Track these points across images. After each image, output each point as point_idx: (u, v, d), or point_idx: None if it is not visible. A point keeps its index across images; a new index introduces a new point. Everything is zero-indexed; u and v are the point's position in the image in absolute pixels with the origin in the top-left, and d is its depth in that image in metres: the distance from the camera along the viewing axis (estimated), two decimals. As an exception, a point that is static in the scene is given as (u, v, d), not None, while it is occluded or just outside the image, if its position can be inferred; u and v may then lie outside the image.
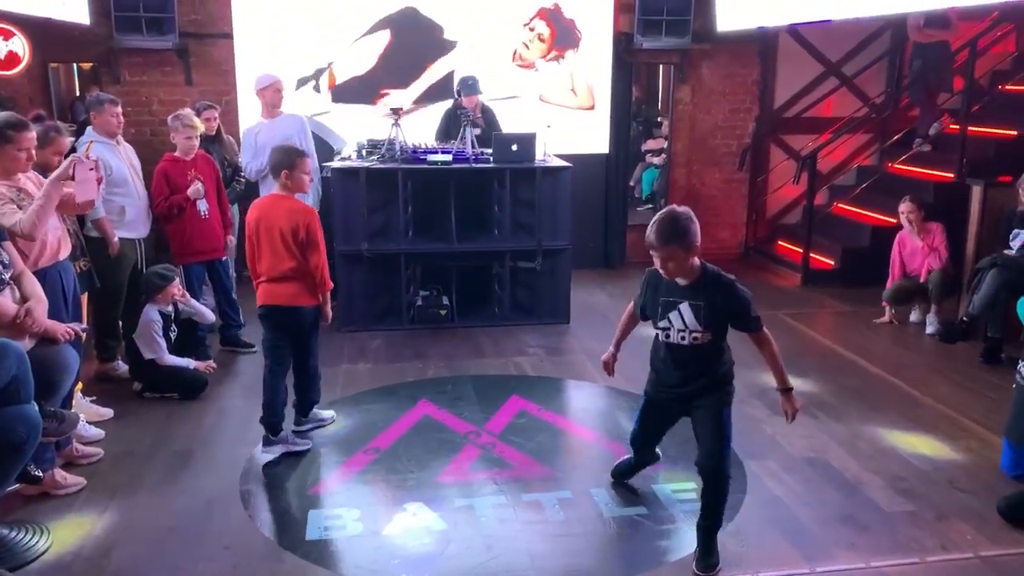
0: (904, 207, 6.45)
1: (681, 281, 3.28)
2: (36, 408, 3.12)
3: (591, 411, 5.03)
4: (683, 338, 3.30)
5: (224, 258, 5.85)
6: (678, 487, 3.97)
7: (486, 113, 7.13)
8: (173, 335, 5.17)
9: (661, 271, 3.26)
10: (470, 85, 6.91)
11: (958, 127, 7.46)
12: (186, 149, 5.54)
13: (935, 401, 5.05)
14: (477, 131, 6.60)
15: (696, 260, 3.25)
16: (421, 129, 7.08)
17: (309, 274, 4.23)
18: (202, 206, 5.56)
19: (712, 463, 3.29)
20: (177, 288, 5.14)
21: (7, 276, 3.35)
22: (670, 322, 3.30)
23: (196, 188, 5.48)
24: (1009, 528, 3.61)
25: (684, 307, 3.26)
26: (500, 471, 4.16)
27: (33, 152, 3.81)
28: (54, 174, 3.79)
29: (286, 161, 4.22)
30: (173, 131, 5.54)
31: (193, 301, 5.35)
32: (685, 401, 3.44)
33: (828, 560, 3.39)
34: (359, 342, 6.13)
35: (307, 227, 4.17)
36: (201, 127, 5.73)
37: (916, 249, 6.47)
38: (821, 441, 4.50)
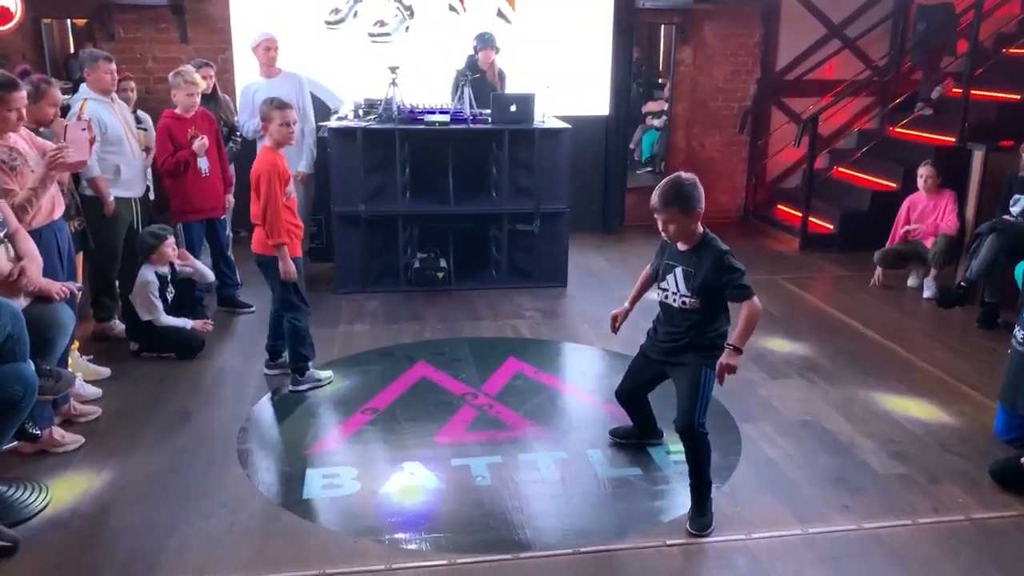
0: (924, 170, 6.43)
1: (681, 246, 3.39)
2: (32, 366, 3.13)
3: (588, 374, 5.05)
4: (674, 301, 3.43)
5: (223, 217, 5.82)
6: (673, 448, 3.98)
7: (501, 77, 7.02)
8: (170, 296, 5.15)
9: (663, 234, 3.39)
10: (486, 39, 6.81)
11: (961, 91, 7.40)
12: (187, 106, 5.49)
13: (930, 365, 5.07)
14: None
15: (699, 227, 3.36)
16: (421, 87, 6.96)
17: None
18: (203, 164, 5.52)
19: (683, 420, 3.36)
20: (172, 248, 5.11)
21: (1, 234, 3.33)
22: (668, 284, 3.44)
23: (201, 143, 5.45)
24: (1000, 491, 3.65)
25: (678, 271, 3.39)
26: (496, 432, 4.18)
27: (23, 111, 3.76)
28: (42, 165, 3.72)
29: (263, 115, 4.47)
30: (175, 88, 5.49)
31: (194, 260, 5.34)
32: (667, 356, 3.51)
33: (821, 521, 3.42)
34: (356, 303, 6.12)
35: (257, 176, 4.41)
36: (203, 84, 5.68)
37: (926, 212, 6.45)
38: (815, 404, 4.52)
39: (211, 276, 5.50)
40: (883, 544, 3.29)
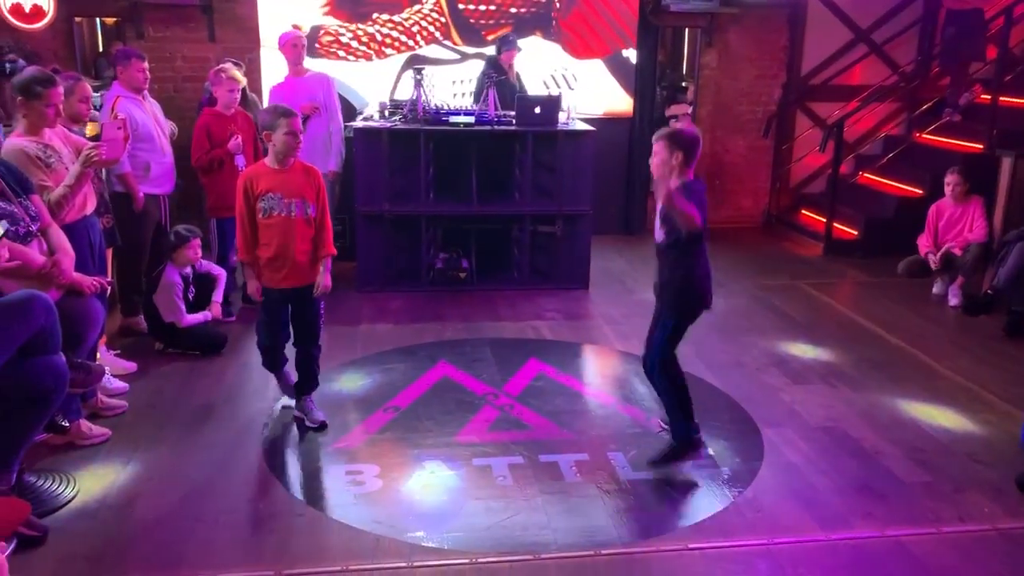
0: (951, 178, 6.37)
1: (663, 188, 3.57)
2: (63, 359, 3.17)
3: (609, 376, 5.04)
4: (657, 236, 3.73)
5: None
6: (695, 452, 3.99)
7: (519, 78, 7.04)
8: (191, 295, 5.19)
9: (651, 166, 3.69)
10: (510, 41, 6.83)
11: (989, 97, 7.32)
12: (228, 103, 5.54)
13: (955, 373, 5.03)
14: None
15: (683, 175, 3.55)
16: (447, 88, 7.01)
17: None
18: (240, 161, 5.57)
19: (645, 361, 3.88)
20: (195, 249, 5.15)
21: (35, 228, 3.38)
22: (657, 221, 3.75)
23: (237, 142, 5.49)
24: (1027, 501, 3.61)
25: (660, 207, 3.67)
26: (518, 432, 4.19)
27: (61, 108, 3.83)
28: (76, 163, 3.79)
29: (267, 124, 3.97)
30: (216, 84, 5.54)
31: (210, 265, 5.39)
32: (657, 297, 3.83)
33: (844, 528, 3.40)
34: (379, 302, 6.16)
35: None
36: (243, 80, 5.71)
37: (953, 220, 6.39)
38: (839, 410, 4.50)
39: (223, 275, 5.50)
40: (907, 552, 3.26)
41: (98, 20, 8.42)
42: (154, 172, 5.23)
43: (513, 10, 7.64)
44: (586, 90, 7.84)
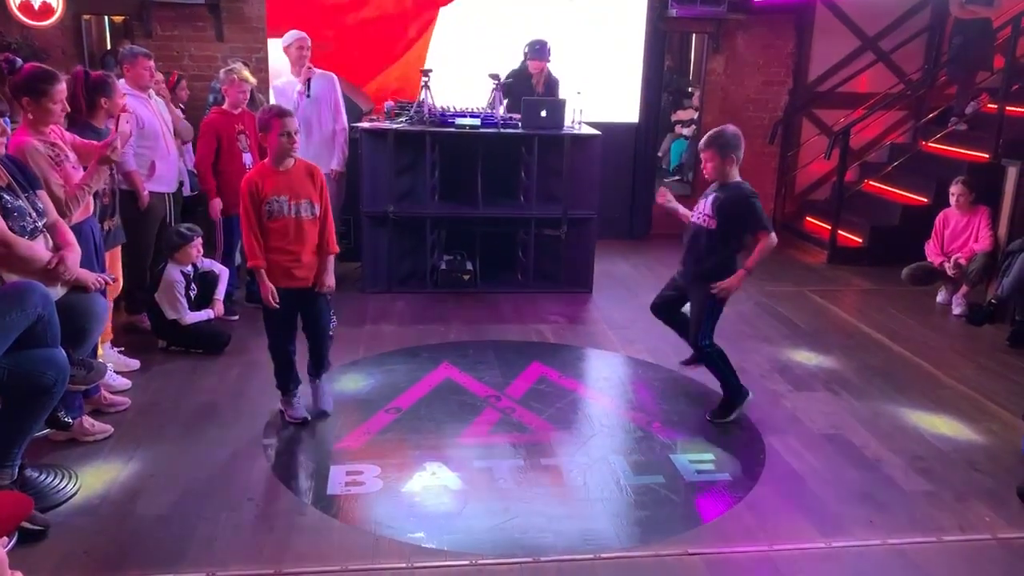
0: (955, 188, 6.36)
1: (717, 183, 4.26)
2: (64, 352, 3.17)
3: (611, 380, 5.04)
4: (702, 221, 4.23)
5: None
6: (696, 457, 3.99)
7: (550, 85, 6.90)
8: (193, 293, 5.21)
9: (704, 171, 4.31)
10: (537, 50, 6.77)
11: (996, 106, 7.32)
12: (236, 103, 5.55)
13: (958, 382, 5.02)
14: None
15: (734, 173, 4.20)
16: (454, 92, 7.00)
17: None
18: (247, 159, 5.57)
19: (691, 339, 4.38)
20: (196, 249, 5.16)
21: (41, 224, 3.39)
22: (700, 205, 4.29)
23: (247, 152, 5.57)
24: (1028, 511, 3.60)
25: (710, 196, 4.23)
26: (519, 435, 4.19)
27: (65, 103, 3.82)
28: (93, 159, 3.81)
29: (261, 123, 3.96)
30: (226, 84, 5.55)
31: (211, 263, 5.39)
32: (690, 280, 4.34)
33: (844, 536, 3.40)
34: (383, 303, 6.17)
35: None
36: (253, 80, 5.72)
37: (959, 229, 6.38)
38: (842, 418, 4.49)
39: (225, 273, 5.50)
40: (907, 560, 3.26)
41: (106, 18, 8.45)
42: (159, 171, 5.24)
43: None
44: (592, 95, 7.84)
